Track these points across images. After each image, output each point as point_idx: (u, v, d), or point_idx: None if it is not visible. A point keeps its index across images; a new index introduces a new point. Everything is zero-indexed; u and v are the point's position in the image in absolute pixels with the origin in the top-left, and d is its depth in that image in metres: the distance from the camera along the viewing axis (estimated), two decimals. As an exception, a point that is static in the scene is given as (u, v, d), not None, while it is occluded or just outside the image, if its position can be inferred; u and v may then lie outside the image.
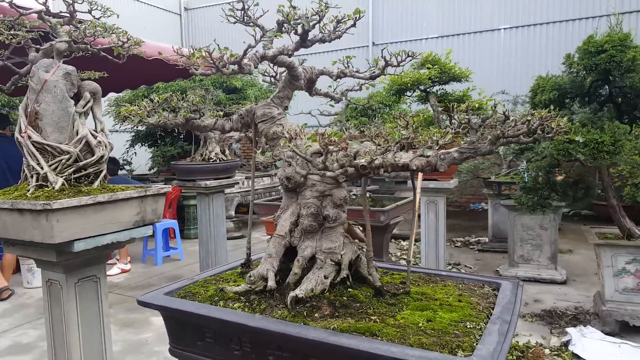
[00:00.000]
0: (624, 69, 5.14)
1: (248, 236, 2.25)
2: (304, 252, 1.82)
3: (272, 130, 1.94)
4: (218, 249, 5.77)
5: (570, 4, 10.70)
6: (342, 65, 2.01)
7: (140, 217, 3.35)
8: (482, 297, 1.81)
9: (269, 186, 8.83)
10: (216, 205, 5.75)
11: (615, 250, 5.12)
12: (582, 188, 5.87)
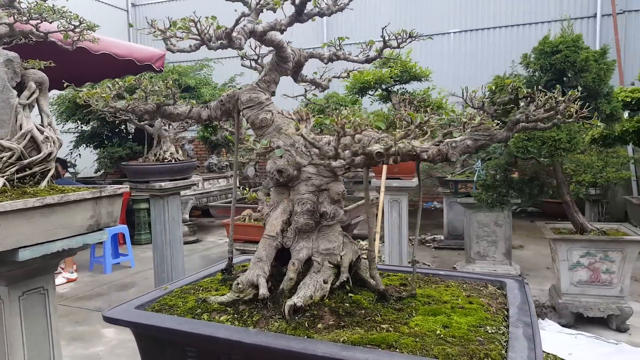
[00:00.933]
0: (578, 69, 5.28)
1: (230, 239, 2.02)
2: (299, 254, 1.62)
3: (260, 117, 1.73)
4: (174, 255, 5.42)
5: (517, 10, 11.03)
6: (334, 48, 1.84)
7: (94, 221, 3.02)
8: (490, 297, 1.68)
9: (225, 188, 8.50)
10: (172, 208, 5.40)
11: (570, 244, 5.23)
12: (537, 185, 5.98)
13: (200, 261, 7.05)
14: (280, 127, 1.71)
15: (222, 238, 8.29)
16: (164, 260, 5.40)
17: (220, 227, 9.16)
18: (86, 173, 9.86)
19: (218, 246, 7.83)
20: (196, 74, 8.68)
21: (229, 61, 12.65)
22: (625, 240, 5.06)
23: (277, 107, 1.76)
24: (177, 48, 1.52)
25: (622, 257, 5.10)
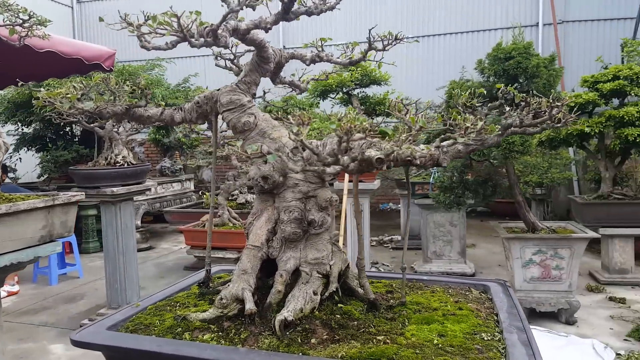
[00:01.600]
0: (530, 74, 5.49)
1: (208, 249, 1.91)
2: (287, 265, 1.54)
3: (242, 120, 1.64)
4: (128, 264, 5.17)
5: (466, 18, 11.38)
6: (316, 49, 1.78)
7: (46, 232, 2.81)
8: (477, 302, 1.68)
9: (180, 192, 8.22)
10: (124, 215, 5.15)
11: (523, 243, 5.41)
12: (491, 186, 6.16)
13: (154, 269, 6.78)
14: (265, 131, 1.63)
15: (176, 244, 8.03)
16: (117, 269, 5.14)
17: (174, 233, 8.87)
18: (28, 178, 9.28)
19: (173, 253, 7.57)
20: (147, 73, 8.36)
21: (182, 61, 12.31)
22: (573, 238, 5.28)
23: (259, 110, 1.68)
24: (152, 45, 1.41)
25: (570, 253, 5.32)
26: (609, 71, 6.58)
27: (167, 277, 6.47)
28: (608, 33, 10.65)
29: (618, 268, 6.12)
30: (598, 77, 6.73)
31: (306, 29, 12.24)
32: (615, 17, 10.59)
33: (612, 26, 10.67)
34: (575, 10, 10.82)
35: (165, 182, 7.99)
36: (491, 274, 6.86)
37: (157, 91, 7.77)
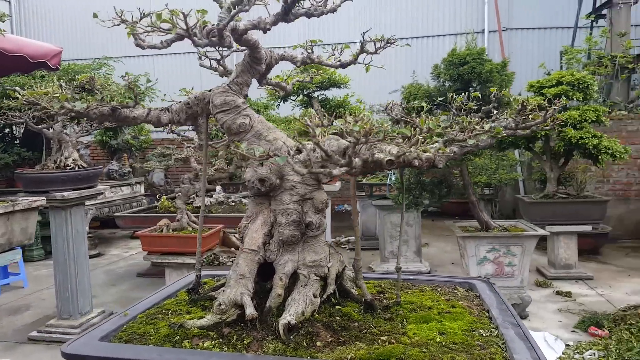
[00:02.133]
0: (483, 79, 5.71)
1: (197, 254, 1.86)
2: (285, 268, 1.53)
3: (238, 122, 1.60)
4: (79, 272, 4.93)
5: (415, 23, 11.68)
6: (306, 51, 1.77)
7: (5, 240, 2.64)
8: (467, 300, 1.73)
9: (130, 196, 7.91)
10: (75, 221, 4.90)
11: (477, 241, 5.60)
12: (446, 187, 6.35)
13: (105, 277, 6.51)
14: (261, 133, 1.61)
15: (127, 250, 7.74)
16: (68, 278, 4.89)
17: (123, 238, 8.55)
18: (-37, 183, 8.67)
19: (124, 259, 7.29)
20: (94, 73, 8.01)
21: (131, 60, 11.89)
22: (524, 236, 5.53)
23: (253, 111, 1.65)
24: (147, 44, 1.36)
25: (522, 250, 5.56)
26: (553, 77, 6.95)
27: (119, 285, 6.23)
28: (548, 41, 11.26)
29: (563, 264, 6.47)
30: (543, 82, 7.09)
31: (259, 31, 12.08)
32: (555, 26, 11.21)
33: (552, 34, 11.29)
34: (518, 19, 11.36)
35: (115, 185, 7.69)
36: (445, 271, 7.07)
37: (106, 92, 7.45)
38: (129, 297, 5.77)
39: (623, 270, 6.42)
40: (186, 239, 4.98)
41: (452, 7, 11.65)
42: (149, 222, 5.97)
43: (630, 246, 7.53)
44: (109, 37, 12.43)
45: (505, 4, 11.18)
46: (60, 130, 5.09)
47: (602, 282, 5.99)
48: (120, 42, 12.57)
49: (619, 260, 6.85)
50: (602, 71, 7.92)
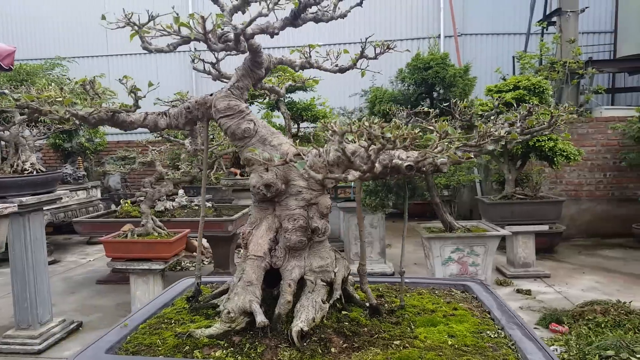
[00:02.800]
0: (447, 83, 5.86)
1: (197, 262, 1.79)
2: (292, 275, 1.50)
3: (242, 127, 1.56)
4: (38, 280, 4.68)
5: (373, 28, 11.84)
6: (304, 56, 1.75)
7: (-29, 248, 2.47)
8: (466, 301, 1.76)
9: (86, 201, 7.58)
10: (34, 227, 4.66)
11: (442, 242, 5.73)
12: (411, 189, 6.47)
13: (63, 284, 6.22)
14: (265, 138, 1.57)
15: (84, 257, 7.42)
16: (26, 286, 4.64)
17: (79, 244, 8.18)
18: None
19: (81, 266, 6.99)
20: (47, 73, 7.64)
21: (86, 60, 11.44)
22: (487, 236, 5.69)
23: (255, 116, 1.61)
24: (154, 47, 1.30)
25: (485, 250, 5.72)
26: (510, 81, 7.20)
27: (78, 292, 5.97)
28: (501, 46, 11.68)
29: (522, 262, 6.71)
30: (501, 86, 7.33)
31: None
32: (508, 32, 11.65)
33: (505, 40, 11.72)
34: (473, 25, 11.73)
35: (71, 189, 7.35)
36: (409, 272, 7.18)
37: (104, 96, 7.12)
38: (90, 305, 5.54)
39: (577, 267, 6.73)
40: (152, 244, 4.83)
41: (409, 12, 11.89)
42: (110, 227, 5.75)
43: (582, 244, 7.92)
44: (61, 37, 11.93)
45: (459, 10, 11.52)
46: (17, 133, 4.83)
47: (559, 280, 6.25)
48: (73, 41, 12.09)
49: (572, 258, 7.18)
50: (555, 76, 8.29)
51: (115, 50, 11.94)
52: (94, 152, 8.82)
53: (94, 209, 7.66)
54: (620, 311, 4.96)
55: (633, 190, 8.26)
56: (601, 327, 4.76)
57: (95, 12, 12.00)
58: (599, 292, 5.73)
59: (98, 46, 11.95)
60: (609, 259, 7.07)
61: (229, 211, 6.71)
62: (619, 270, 6.52)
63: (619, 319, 4.88)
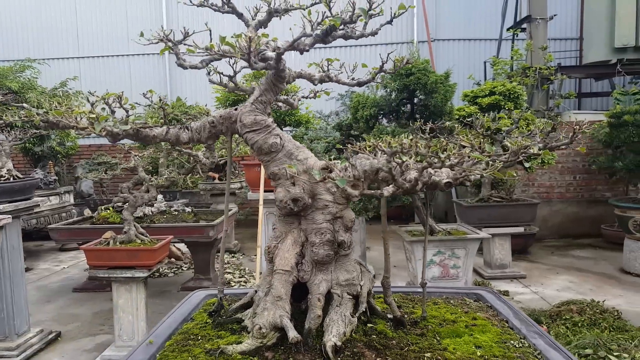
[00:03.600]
0: (428, 90, 5.96)
1: (220, 276, 1.77)
2: (320, 288, 1.51)
3: (270, 142, 1.55)
4: (15, 290, 4.53)
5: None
6: (321, 69, 1.75)
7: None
8: (482, 311, 1.80)
9: (58, 207, 7.34)
10: (11, 235, 4.51)
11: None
12: (391, 192, 6.50)
13: (38, 293, 6.02)
14: (292, 152, 1.57)
15: (57, 264, 7.19)
16: (3, 297, 4.50)
17: (52, 251, 7.93)
18: None
19: (55, 274, 6.78)
20: (17, 76, 7.37)
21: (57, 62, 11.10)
22: (468, 239, 5.82)
23: (281, 131, 1.61)
24: (188, 64, 1.29)
25: (465, 253, 5.84)
26: (486, 87, 7.37)
27: (54, 301, 5.80)
28: (473, 51, 11.95)
29: (499, 264, 6.88)
30: (477, 92, 7.50)
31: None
32: (479, 38, 11.92)
33: (476, 45, 12.00)
34: (445, 30, 11.96)
35: (42, 195, 7.12)
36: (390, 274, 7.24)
37: (30, 95, 6.90)
38: (68, 314, 5.39)
39: (551, 268, 6.95)
40: (136, 251, 4.73)
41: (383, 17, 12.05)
42: (89, 234, 5.61)
43: (554, 245, 8.18)
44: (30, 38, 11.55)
45: (432, 16, 11.73)
46: (-9, 137, 4.66)
47: (535, 280, 6.43)
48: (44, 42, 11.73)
49: (546, 259, 7.40)
50: (527, 81, 8.54)
51: (87, 51, 11.64)
52: (66, 156, 8.57)
53: (67, 214, 7.44)
54: (596, 310, 5.15)
55: (601, 192, 8.59)
56: (578, 327, 4.93)
57: (66, 12, 11.69)
58: (573, 291, 5.93)
59: (69, 47, 11.63)
60: (580, 259, 7.33)
61: (208, 216, 6.64)
62: (591, 270, 6.77)
63: (594, 318, 5.06)
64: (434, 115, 6.32)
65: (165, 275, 7.02)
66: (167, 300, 5.91)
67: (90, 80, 10.87)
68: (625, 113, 7.15)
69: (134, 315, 4.67)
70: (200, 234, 5.96)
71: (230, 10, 1.46)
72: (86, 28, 11.38)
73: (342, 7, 1.44)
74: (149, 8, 11.76)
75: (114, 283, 4.86)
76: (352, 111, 6.38)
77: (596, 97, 11.47)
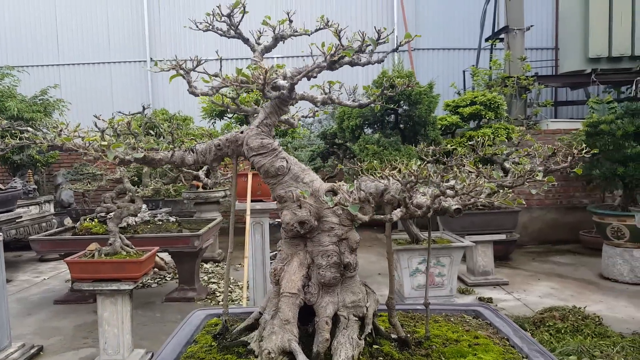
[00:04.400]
0: (413, 101, 6.04)
1: (225, 298, 1.76)
2: (327, 311, 1.52)
3: (276, 165, 1.56)
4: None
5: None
6: (323, 91, 1.76)
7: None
8: (482, 328, 1.83)
9: (38, 216, 7.17)
10: (-9, 248, 4.40)
11: (410, 253, 5.88)
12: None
13: (18, 306, 5.88)
14: (298, 175, 1.58)
15: (37, 275, 7.03)
16: (-17, 313, 4.37)
17: (31, 262, 7.74)
18: None
19: (35, 285, 6.62)
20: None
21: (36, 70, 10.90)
22: (453, 247, 5.89)
23: (288, 154, 1.62)
24: (200, 91, 1.30)
25: (450, 261, 5.91)
26: (467, 97, 7.49)
27: (35, 314, 5.67)
28: (452, 60, 12.14)
29: (482, 271, 6.98)
30: (458, 102, 7.62)
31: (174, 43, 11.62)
32: (458, 47, 12.13)
33: (455, 55, 12.20)
34: (425, 40, 12.13)
35: (23, 205, 6.96)
36: (374, 283, 7.27)
37: (10, 104, 6.76)
38: (50, 327, 5.27)
39: (533, 274, 7.08)
40: (122, 264, 4.66)
41: (364, 25, 12.15)
42: (71, 245, 5.51)
43: (535, 251, 8.34)
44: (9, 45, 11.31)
45: (412, 25, 11.90)
46: (-28, 148, 4.54)
47: (517, 287, 6.54)
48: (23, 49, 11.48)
49: (527, 265, 7.54)
50: (507, 91, 8.72)
51: (67, 59, 11.45)
52: (45, 164, 8.40)
53: (47, 224, 7.29)
54: (578, 317, 5.27)
55: (579, 198, 8.80)
56: (561, 333, 5.03)
57: (46, 18, 11.48)
58: (555, 298, 6.05)
59: (49, 55, 11.42)
60: (560, 265, 7.49)
61: (192, 225, 6.59)
62: (571, 275, 6.92)
63: (577, 325, 5.18)
64: (417, 126, 6.41)
65: (148, 285, 6.93)
66: (151, 312, 5.83)
67: (70, 87, 10.72)
68: (601, 122, 7.36)
69: (119, 329, 4.60)
70: (186, 244, 5.91)
71: (237, 36, 1.47)
72: (66, 34, 11.20)
73: (338, 23, 1.48)
74: (130, 14, 11.65)
75: (98, 296, 4.78)
76: (338, 121, 6.42)
77: (572, 105, 11.77)
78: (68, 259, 4.76)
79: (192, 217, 7.39)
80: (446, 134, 7.64)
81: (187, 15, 12.20)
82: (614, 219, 6.72)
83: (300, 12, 9.67)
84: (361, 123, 6.15)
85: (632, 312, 5.46)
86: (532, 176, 1.42)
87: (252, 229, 5.49)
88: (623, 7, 9.79)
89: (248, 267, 5.45)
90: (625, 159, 6.81)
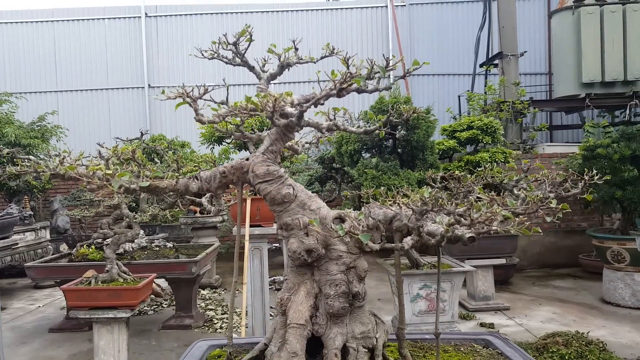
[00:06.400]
0: (411, 126, 6.08)
1: (229, 330, 1.72)
2: (336, 343, 1.48)
3: (283, 192, 1.54)
4: (-10, 333, 4.31)
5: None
6: (328, 117, 1.76)
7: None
8: (493, 358, 1.79)
9: (34, 243, 7.08)
10: (-13, 276, 4.33)
11: (410, 278, 5.82)
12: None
13: (12, 334, 5.76)
14: (304, 202, 1.57)
15: (32, 303, 6.91)
16: (-24, 342, 4.26)
17: (26, 289, 7.61)
18: None
19: (30, 313, 6.50)
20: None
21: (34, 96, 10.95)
22: (453, 272, 5.83)
23: (294, 181, 1.61)
24: (207, 119, 1.29)
25: (451, 286, 5.85)
26: (464, 122, 7.55)
27: (30, 343, 5.55)
28: (447, 86, 12.28)
29: (482, 295, 6.90)
30: (455, 126, 7.67)
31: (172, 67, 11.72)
32: (453, 73, 12.28)
33: (450, 80, 12.34)
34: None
35: (19, 231, 6.87)
36: (374, 308, 7.18)
37: (8, 130, 6.76)
38: (44, 357, 5.15)
39: (534, 299, 7.01)
40: (119, 291, 4.59)
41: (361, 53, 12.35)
42: (68, 272, 5.44)
43: (534, 275, 8.28)
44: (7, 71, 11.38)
45: (408, 52, 12.06)
46: (-32, 174, 4.51)
47: (518, 312, 6.47)
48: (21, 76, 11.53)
49: (528, 290, 7.47)
50: (502, 115, 8.79)
51: (65, 85, 11.51)
52: (42, 190, 8.35)
53: (42, 250, 7.20)
54: (581, 342, 5.19)
55: (577, 222, 8.79)
56: (566, 359, 4.96)
57: (44, 45, 11.58)
58: (557, 323, 5.98)
59: (48, 81, 11.49)
60: (561, 289, 7.43)
61: (189, 250, 6.52)
62: (572, 300, 6.86)
63: (580, 350, 5.10)
64: (416, 150, 6.44)
65: (144, 313, 6.81)
66: (147, 340, 5.72)
67: (69, 114, 10.75)
68: (598, 146, 7.41)
69: (115, 357, 4.51)
70: (183, 270, 5.84)
71: (243, 63, 1.48)
72: (65, 61, 11.29)
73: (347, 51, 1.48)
74: (128, 41, 11.77)
75: (95, 324, 4.69)
76: (336, 146, 6.44)
77: (567, 129, 11.87)
78: (64, 286, 4.69)
79: (189, 243, 7.32)
80: (444, 158, 7.67)
81: (186, 42, 12.31)
82: (614, 243, 6.70)
83: (296, 39, 9.69)
84: (360, 148, 6.17)
85: (635, 337, 5.40)
86: (545, 204, 1.41)
87: (250, 254, 5.43)
88: (614, 33, 9.96)
89: (247, 293, 5.36)
90: (623, 182, 6.83)
